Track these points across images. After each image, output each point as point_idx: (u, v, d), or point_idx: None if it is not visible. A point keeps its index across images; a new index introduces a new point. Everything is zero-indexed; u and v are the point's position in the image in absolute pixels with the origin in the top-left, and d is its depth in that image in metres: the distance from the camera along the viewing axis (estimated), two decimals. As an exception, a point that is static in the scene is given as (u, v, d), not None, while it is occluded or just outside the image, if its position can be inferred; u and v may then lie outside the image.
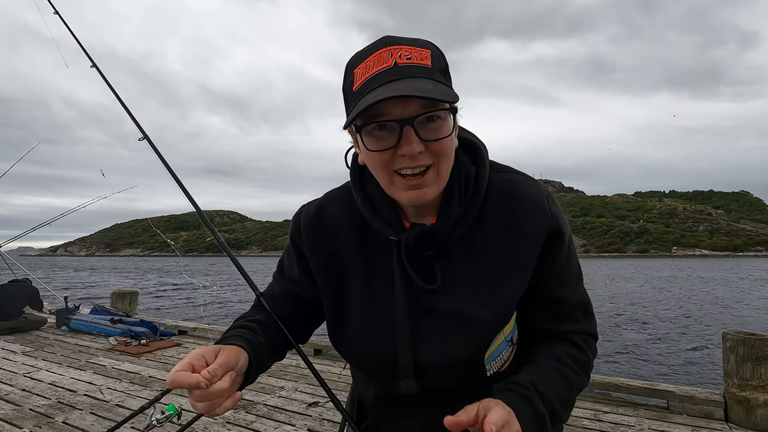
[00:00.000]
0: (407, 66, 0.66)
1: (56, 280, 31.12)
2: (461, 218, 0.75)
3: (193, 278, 29.21)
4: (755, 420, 2.92)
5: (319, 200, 0.88)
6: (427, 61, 0.68)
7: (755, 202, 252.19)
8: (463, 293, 0.76)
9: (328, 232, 0.84)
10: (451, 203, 0.75)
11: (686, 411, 3.17)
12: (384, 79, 0.66)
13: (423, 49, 0.69)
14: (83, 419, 3.07)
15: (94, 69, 1.53)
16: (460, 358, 0.76)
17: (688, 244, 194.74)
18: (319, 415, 3.18)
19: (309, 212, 0.86)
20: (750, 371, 2.97)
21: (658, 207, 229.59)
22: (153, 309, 15.04)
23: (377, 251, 0.81)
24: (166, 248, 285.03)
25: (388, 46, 0.67)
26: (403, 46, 0.67)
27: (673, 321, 13.79)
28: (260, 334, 0.82)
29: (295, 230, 0.88)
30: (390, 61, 0.66)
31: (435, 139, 0.67)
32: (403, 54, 0.67)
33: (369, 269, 0.81)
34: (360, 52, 0.70)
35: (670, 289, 25.36)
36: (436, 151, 0.68)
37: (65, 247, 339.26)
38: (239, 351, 0.72)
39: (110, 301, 7.11)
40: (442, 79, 0.70)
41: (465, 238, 0.77)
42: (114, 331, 5.60)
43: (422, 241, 0.75)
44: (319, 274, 0.85)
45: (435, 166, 0.69)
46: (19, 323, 5.80)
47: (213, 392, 0.63)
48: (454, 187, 0.75)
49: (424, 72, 0.67)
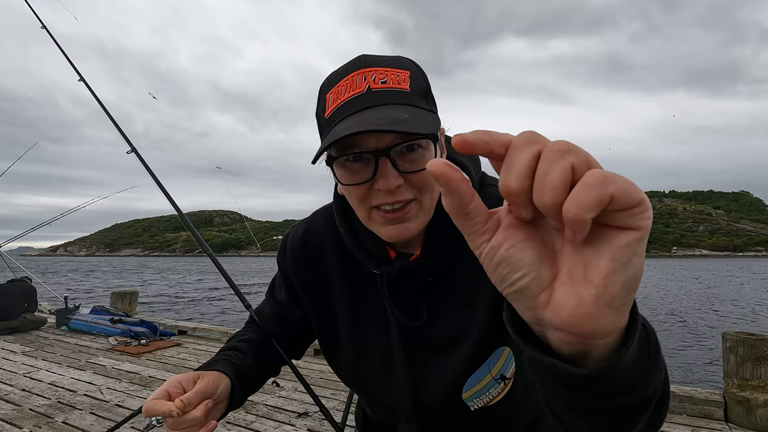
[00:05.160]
0: (382, 91, 0.60)
1: (74, 282, 31.11)
2: (447, 249, 0.69)
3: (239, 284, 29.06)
4: (755, 420, 2.92)
5: (306, 221, 0.86)
6: (404, 84, 0.61)
7: (755, 202, 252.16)
8: (449, 327, 0.72)
9: (313, 256, 0.81)
10: (437, 233, 0.68)
11: (686, 411, 3.17)
12: (355, 106, 0.60)
13: (401, 71, 0.62)
14: (83, 419, 3.07)
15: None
16: (446, 393, 0.73)
17: (688, 244, 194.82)
18: (319, 416, 3.18)
19: (295, 236, 0.84)
20: (750, 371, 2.97)
21: (658, 207, 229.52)
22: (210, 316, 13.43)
23: (364, 279, 0.77)
24: (166, 248, 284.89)
25: (361, 69, 0.61)
26: (378, 68, 0.61)
27: (673, 321, 13.79)
28: (249, 355, 0.82)
29: (281, 255, 0.86)
30: (363, 86, 0.60)
31: (415, 171, 0.60)
32: (377, 77, 0.60)
33: (356, 298, 0.79)
34: (333, 74, 0.64)
35: (669, 289, 25.36)
36: (417, 183, 0.62)
37: (65, 247, 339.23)
38: (220, 377, 0.71)
39: (110, 301, 7.12)
40: (423, 103, 0.63)
41: (449, 268, 0.71)
42: (114, 331, 5.60)
43: (405, 276, 0.70)
44: (305, 300, 0.84)
45: (417, 201, 0.63)
46: (19, 323, 5.80)
47: (186, 421, 0.62)
48: (440, 215, 0.66)
49: (401, 97, 0.60)
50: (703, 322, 13.53)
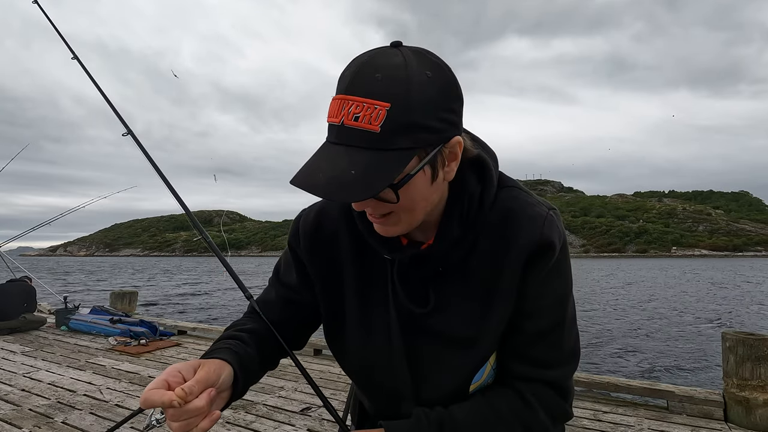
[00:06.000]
0: (351, 129, 0.58)
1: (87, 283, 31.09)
2: (459, 241, 0.71)
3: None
4: (755, 420, 2.92)
5: (319, 204, 0.86)
6: (375, 123, 0.57)
7: (755, 202, 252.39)
8: (456, 317, 0.74)
9: (327, 239, 0.82)
10: (450, 225, 0.70)
11: (686, 411, 3.17)
12: (330, 135, 0.62)
13: (380, 104, 0.57)
14: (83, 419, 3.07)
15: (76, 61, 1.41)
16: (452, 385, 0.75)
17: (687, 244, 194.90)
18: (319, 416, 3.18)
19: (308, 217, 0.85)
20: (749, 371, 2.97)
21: (658, 207, 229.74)
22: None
23: (376, 266, 0.78)
24: (166, 248, 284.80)
25: (346, 95, 0.59)
26: (358, 99, 0.58)
27: (673, 321, 13.80)
28: (250, 344, 0.79)
29: (293, 236, 0.86)
30: (339, 118, 0.60)
31: (384, 200, 0.63)
32: (353, 111, 0.58)
33: (366, 283, 0.80)
34: (339, 79, 0.63)
35: (669, 289, 25.36)
36: (391, 206, 0.64)
37: (65, 247, 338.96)
38: (222, 365, 0.68)
39: (109, 301, 7.11)
40: (400, 141, 0.59)
41: (462, 260, 0.73)
42: (113, 331, 5.60)
43: (416, 263, 0.72)
44: (317, 281, 0.84)
45: (395, 213, 0.65)
46: (19, 323, 5.80)
47: (188, 411, 0.59)
48: (454, 208, 0.70)
49: (367, 141, 0.58)
50: (703, 322, 13.54)
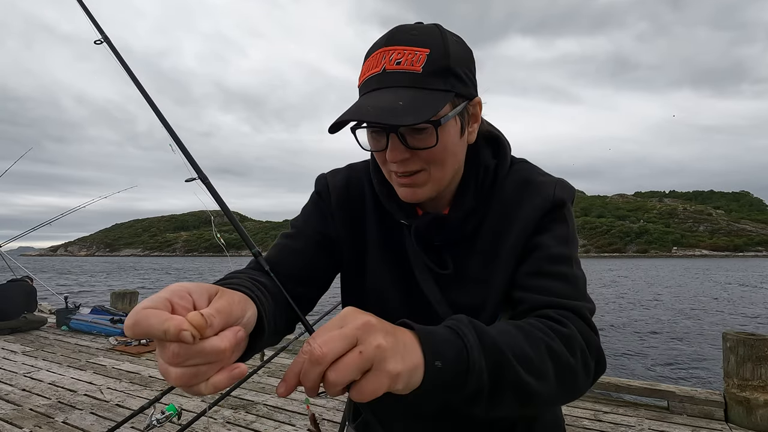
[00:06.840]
0: (394, 73, 0.64)
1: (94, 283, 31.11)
2: (473, 211, 0.74)
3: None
4: (755, 420, 2.92)
5: (344, 169, 0.87)
6: (418, 65, 0.63)
7: (755, 202, 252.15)
8: (474, 282, 0.75)
9: (354, 198, 0.84)
10: (465, 196, 0.74)
11: (686, 411, 3.17)
12: (370, 86, 0.65)
13: (420, 50, 0.64)
14: (83, 419, 3.07)
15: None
16: None
17: (688, 244, 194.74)
18: (319, 416, 3.18)
19: (335, 177, 0.86)
20: (750, 371, 2.98)
21: (658, 207, 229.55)
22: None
23: (396, 232, 0.80)
24: (166, 248, 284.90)
25: (385, 47, 0.65)
26: (399, 47, 0.64)
27: (673, 321, 13.79)
28: (266, 295, 0.60)
29: (323, 189, 0.84)
30: (380, 66, 0.65)
31: (422, 148, 0.66)
32: (394, 58, 0.64)
33: (386, 245, 0.81)
34: (374, 44, 0.68)
35: (670, 289, 25.35)
36: (425, 158, 0.68)
37: (65, 247, 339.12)
38: (246, 300, 0.50)
39: (110, 301, 7.12)
40: (438, 83, 0.64)
41: (476, 230, 0.75)
42: (114, 331, 5.60)
43: (432, 229, 0.74)
44: (343, 232, 0.82)
45: (426, 171, 0.69)
46: (19, 323, 5.80)
47: (202, 352, 0.38)
48: (470, 180, 0.75)
49: (410, 80, 0.63)
50: (704, 322, 13.53)
